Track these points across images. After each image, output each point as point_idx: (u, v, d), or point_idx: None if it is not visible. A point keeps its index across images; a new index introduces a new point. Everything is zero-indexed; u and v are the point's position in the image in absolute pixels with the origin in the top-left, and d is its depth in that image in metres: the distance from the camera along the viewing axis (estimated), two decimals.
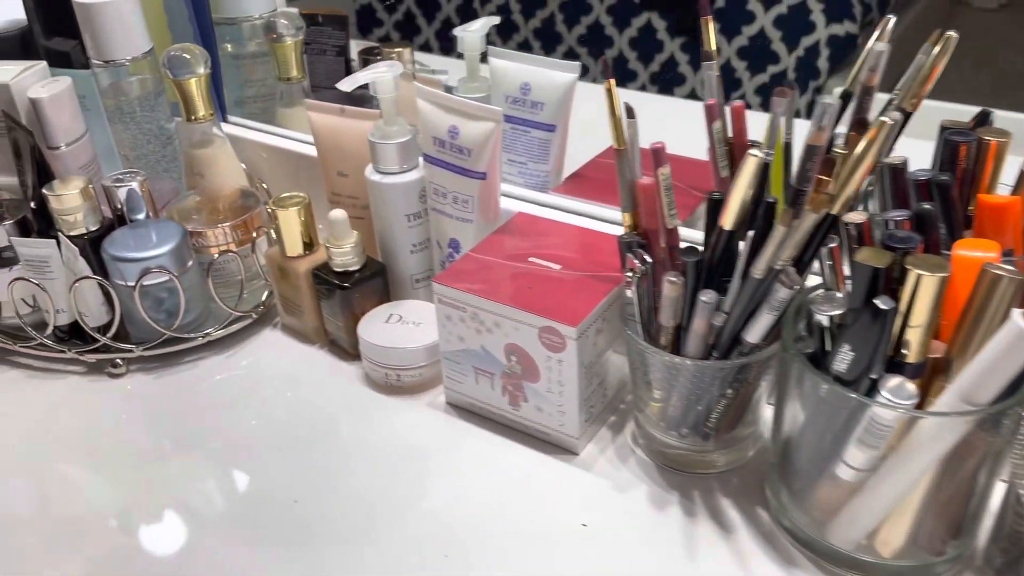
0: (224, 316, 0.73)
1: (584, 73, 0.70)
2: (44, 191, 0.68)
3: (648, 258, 0.53)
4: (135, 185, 0.71)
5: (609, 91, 0.52)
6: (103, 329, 0.69)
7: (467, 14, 1.66)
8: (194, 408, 0.68)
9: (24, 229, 0.70)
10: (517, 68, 0.70)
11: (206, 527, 0.58)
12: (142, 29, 0.76)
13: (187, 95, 0.75)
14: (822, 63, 1.40)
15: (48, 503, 0.60)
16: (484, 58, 0.74)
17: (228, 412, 0.67)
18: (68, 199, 0.67)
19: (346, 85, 0.63)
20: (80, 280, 0.67)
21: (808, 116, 0.45)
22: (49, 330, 0.69)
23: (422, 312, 0.68)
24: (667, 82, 1.46)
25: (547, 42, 1.52)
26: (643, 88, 1.51)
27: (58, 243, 0.68)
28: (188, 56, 0.74)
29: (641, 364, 0.56)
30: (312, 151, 0.82)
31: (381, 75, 0.64)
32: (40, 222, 0.72)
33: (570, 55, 1.48)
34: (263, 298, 0.75)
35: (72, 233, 0.69)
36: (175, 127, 0.81)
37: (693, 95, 1.47)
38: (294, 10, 0.88)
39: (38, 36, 0.83)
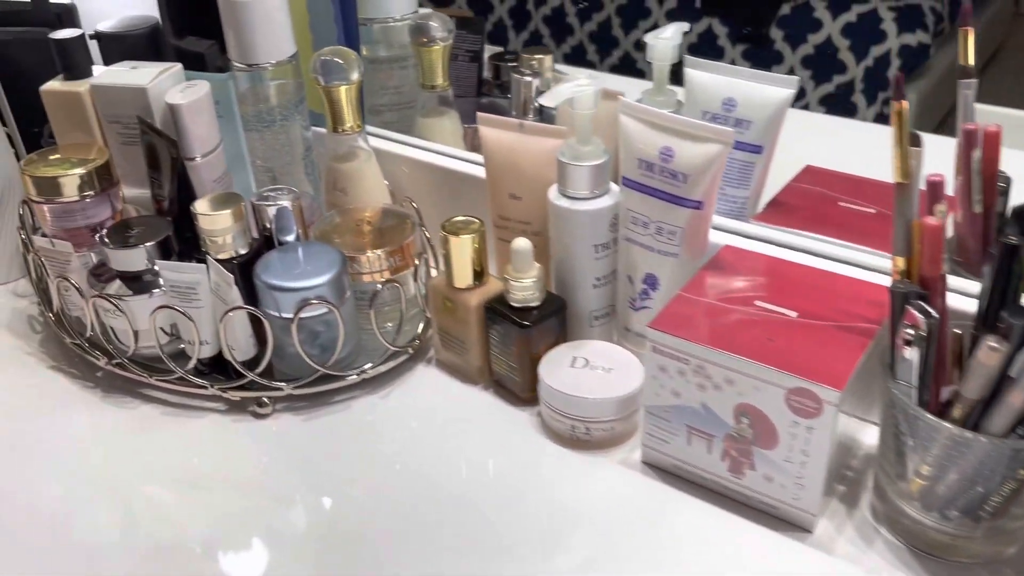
0: (377, 351, 0.65)
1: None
2: (193, 209, 0.61)
3: (934, 312, 0.45)
4: (287, 203, 0.63)
5: (899, 114, 0.44)
6: (251, 364, 0.62)
7: (520, 15, 1.61)
8: (347, 453, 0.60)
9: (165, 250, 0.63)
10: (721, 82, 0.62)
11: None
12: (288, 31, 0.69)
13: (335, 103, 0.68)
14: (892, 73, 1.32)
15: (170, 552, 0.53)
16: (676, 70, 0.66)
17: (385, 457, 0.60)
18: (220, 219, 0.60)
19: (550, 100, 0.55)
20: (233, 310, 0.59)
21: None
22: (192, 363, 0.62)
23: (610, 356, 0.61)
24: None
25: (603, 46, 1.45)
26: None
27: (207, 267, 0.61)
28: (341, 61, 0.67)
29: (906, 434, 0.48)
30: (462, 166, 0.75)
31: (583, 89, 0.56)
32: (179, 242, 0.65)
33: (626, 60, 1.41)
34: (419, 330, 0.68)
35: (220, 256, 0.61)
36: (312, 137, 0.74)
37: None
38: (429, 10, 0.81)
39: (168, 35, 0.76)
